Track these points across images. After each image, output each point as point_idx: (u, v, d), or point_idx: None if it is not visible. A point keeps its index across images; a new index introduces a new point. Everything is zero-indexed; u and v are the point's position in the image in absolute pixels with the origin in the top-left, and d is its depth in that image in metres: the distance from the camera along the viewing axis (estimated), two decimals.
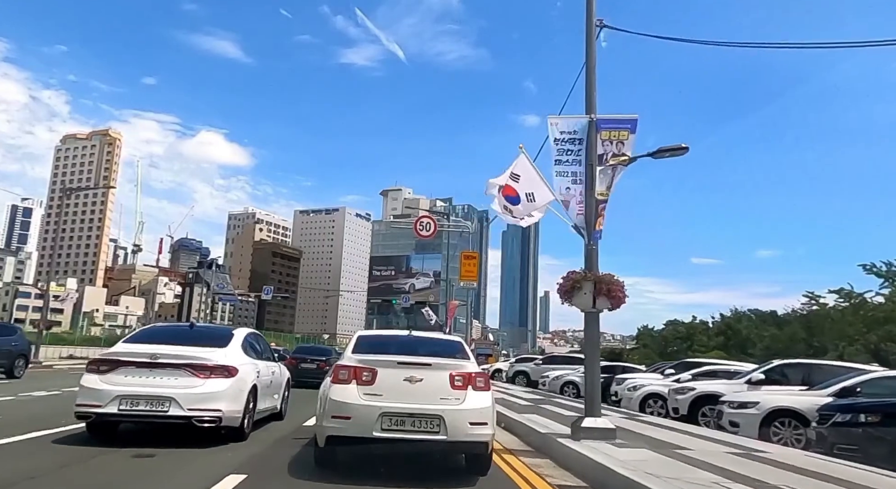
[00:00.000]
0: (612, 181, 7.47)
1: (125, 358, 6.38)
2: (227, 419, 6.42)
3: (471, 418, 5.04)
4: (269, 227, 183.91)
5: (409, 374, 5.13)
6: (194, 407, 6.19)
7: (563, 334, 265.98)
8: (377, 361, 5.25)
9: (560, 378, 19.75)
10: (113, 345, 7.24)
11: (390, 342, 6.16)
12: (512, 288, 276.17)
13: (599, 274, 7.16)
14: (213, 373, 6.41)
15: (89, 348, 40.09)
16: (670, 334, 61.92)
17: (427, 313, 36.29)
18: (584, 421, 6.91)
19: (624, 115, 7.58)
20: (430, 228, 19.56)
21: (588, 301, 7.12)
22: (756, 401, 8.45)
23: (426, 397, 5.07)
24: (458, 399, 5.12)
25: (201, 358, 6.45)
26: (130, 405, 6.10)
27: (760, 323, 39.98)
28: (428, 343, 6.14)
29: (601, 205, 7.42)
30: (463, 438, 5.02)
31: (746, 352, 34.85)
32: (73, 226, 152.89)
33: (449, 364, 5.34)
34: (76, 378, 6.49)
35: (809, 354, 31.18)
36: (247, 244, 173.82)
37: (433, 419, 4.98)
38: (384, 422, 4.94)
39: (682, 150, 7.38)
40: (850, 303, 33.45)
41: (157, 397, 6.13)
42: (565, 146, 7.59)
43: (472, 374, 5.27)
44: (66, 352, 37.22)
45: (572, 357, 26.33)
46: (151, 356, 6.30)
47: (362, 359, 5.29)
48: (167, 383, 6.22)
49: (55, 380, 15.50)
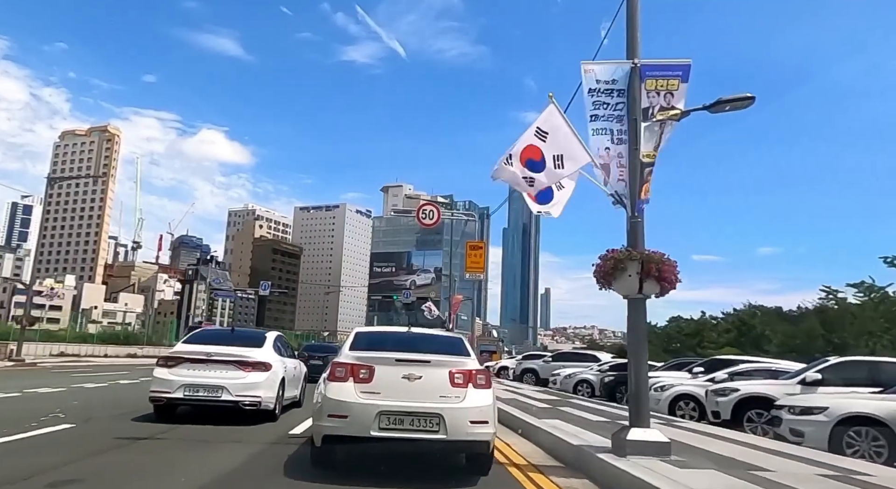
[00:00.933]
0: (660, 140, 6.13)
1: (187, 355, 8.12)
2: (264, 403, 8.09)
3: (471, 417, 4.91)
4: (270, 223, 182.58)
5: (408, 372, 4.99)
6: (240, 393, 7.90)
7: (564, 331, 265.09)
8: (375, 358, 5.09)
9: (573, 376, 18.47)
10: (107, 342, 12.93)
11: (389, 338, 5.91)
12: (513, 285, 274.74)
13: (647, 252, 5.84)
14: (254, 367, 8.14)
15: (81, 345, 38.97)
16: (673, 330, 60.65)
17: (429, 309, 34.93)
18: (631, 432, 5.59)
19: (674, 60, 6.22)
20: (433, 216, 18.21)
21: (633, 285, 5.79)
22: (824, 407, 7.13)
23: (425, 395, 4.94)
24: (459, 397, 4.99)
25: (244, 355, 8.18)
26: (192, 391, 7.82)
27: (774, 319, 38.67)
28: (427, 339, 5.94)
29: (647, 168, 6.09)
30: (463, 438, 4.89)
31: (762, 348, 33.47)
32: (72, 222, 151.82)
33: (449, 361, 5.17)
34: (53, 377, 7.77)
35: (829, 351, 29.86)
36: (247, 241, 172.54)
37: (432, 418, 4.85)
38: (382, 421, 4.81)
39: (747, 101, 6.04)
40: (869, 298, 32.07)
41: (212, 386, 7.85)
42: (602, 98, 6.24)
43: (472, 372, 5.14)
44: (56, 349, 35.96)
45: (583, 354, 25.04)
46: (207, 354, 8.06)
47: (360, 357, 5.15)
48: (219, 375, 7.95)
49: (26, 379, 14.24)
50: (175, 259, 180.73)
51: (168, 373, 7.96)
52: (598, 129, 6.23)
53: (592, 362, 21.38)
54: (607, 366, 18.84)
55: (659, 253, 5.85)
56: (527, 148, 5.96)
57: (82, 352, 36.85)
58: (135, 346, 44.79)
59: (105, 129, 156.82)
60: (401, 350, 5.24)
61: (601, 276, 5.94)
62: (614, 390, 15.87)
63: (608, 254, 5.94)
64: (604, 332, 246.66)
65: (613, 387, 16.08)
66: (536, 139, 5.96)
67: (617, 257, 5.83)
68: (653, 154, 6.12)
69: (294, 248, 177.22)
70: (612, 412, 10.68)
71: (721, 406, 9.44)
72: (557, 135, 5.97)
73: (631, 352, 5.99)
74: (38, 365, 23.27)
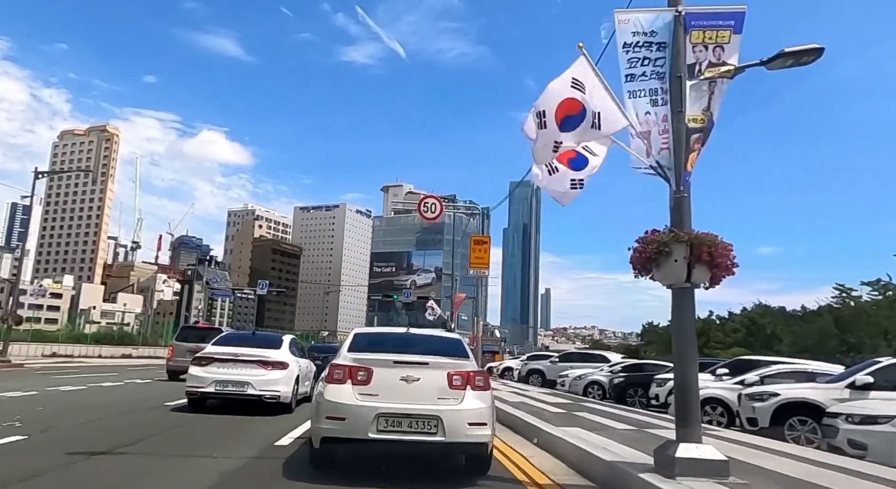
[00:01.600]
0: (710, 102, 5.20)
1: (217, 356, 9.29)
2: (283, 397, 9.25)
3: (469, 419, 4.86)
4: (269, 223, 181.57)
5: (406, 374, 4.93)
6: (263, 388, 9.05)
7: (565, 331, 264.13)
8: (373, 360, 5.04)
9: (583, 378, 17.52)
10: (100, 342, 15.03)
11: (387, 340, 5.81)
12: (513, 285, 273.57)
13: (696, 233, 4.90)
14: (274, 366, 9.31)
15: (74, 346, 38.08)
16: None
17: (431, 308, 33.96)
18: (680, 448, 4.65)
19: (724, 7, 5.28)
20: (435, 210, 17.25)
21: (679, 272, 4.85)
22: (891, 416, 6.19)
23: (423, 397, 4.88)
24: (457, 399, 4.93)
25: (265, 356, 9.38)
26: (222, 387, 8.97)
27: (780, 318, 37.75)
28: (426, 341, 5.86)
29: (694, 135, 5.15)
30: (462, 439, 4.84)
31: (772, 348, 32.53)
32: (71, 222, 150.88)
33: (447, 363, 5.13)
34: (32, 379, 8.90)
35: (843, 351, 28.97)
36: (246, 241, 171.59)
37: (431, 420, 4.79)
38: (380, 424, 4.75)
39: (813, 54, 5.09)
40: (884, 296, 31.16)
41: (239, 382, 9.02)
42: (640, 54, 5.29)
43: (470, 373, 5.07)
44: (49, 349, 35.07)
45: (592, 354, 24.08)
46: (234, 355, 9.29)
47: (358, 358, 5.10)
48: (245, 373, 9.10)
49: (1, 381, 13.25)
50: (175, 259, 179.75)
51: (201, 371, 9.14)
52: (635, 91, 5.28)
53: (602, 363, 20.47)
54: (619, 366, 17.90)
55: (711, 234, 4.92)
56: (564, 102, 4.98)
57: (76, 353, 35.97)
58: (130, 347, 43.84)
59: (104, 128, 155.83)
60: (399, 352, 5.18)
61: (641, 263, 4.99)
62: (624, 392, 15.01)
63: (649, 235, 5.00)
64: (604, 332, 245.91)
65: (624, 388, 15.20)
66: (575, 90, 4.98)
67: (660, 239, 4.89)
68: (700, 118, 5.18)
69: (294, 248, 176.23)
70: (637, 418, 9.74)
71: (759, 412, 8.50)
72: (593, 89, 5.00)
73: (677, 352, 5.04)
74: (25, 366, 22.32)
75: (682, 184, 5.08)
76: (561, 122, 5.01)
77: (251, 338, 10.74)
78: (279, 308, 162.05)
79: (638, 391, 14.80)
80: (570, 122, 4.99)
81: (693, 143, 5.13)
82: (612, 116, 5.00)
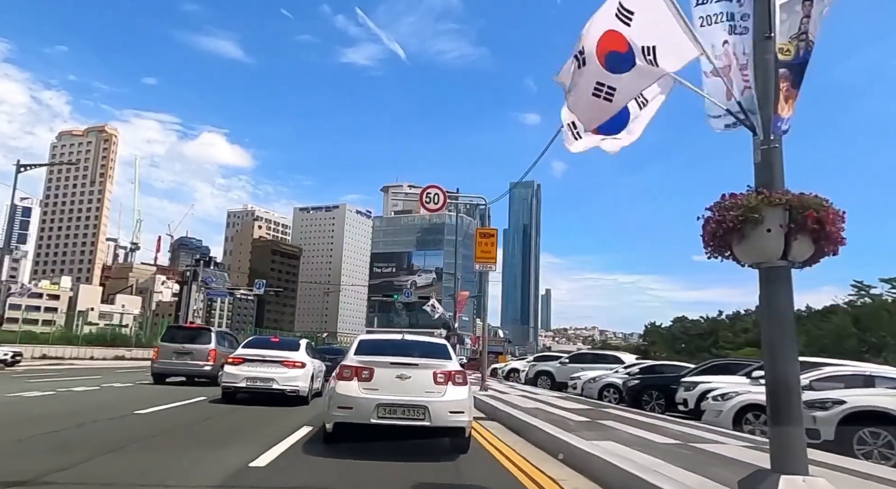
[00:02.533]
0: (805, 26, 3.99)
1: (248, 357, 11.09)
2: (301, 392, 11.05)
3: (450, 408, 6.10)
4: (269, 224, 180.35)
5: (400, 373, 6.19)
6: (285, 384, 10.85)
7: (565, 332, 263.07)
8: (374, 362, 6.30)
9: (598, 380, 16.24)
10: (93, 343, 18.91)
11: (386, 345, 6.98)
12: (513, 286, 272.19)
13: (793, 194, 3.71)
14: (294, 365, 11.15)
15: (66, 347, 36.92)
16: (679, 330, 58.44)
17: (432, 307, 32.73)
18: (781, 483, 3.45)
19: None
20: (438, 200, 16.07)
21: (773, 245, 3.66)
22: None
23: (414, 391, 6.12)
24: (440, 392, 6.17)
25: (287, 356, 11.24)
26: (252, 382, 10.79)
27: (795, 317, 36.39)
28: (417, 345, 7.00)
29: (784, 69, 3.95)
30: (444, 424, 6.10)
31: None
32: (70, 223, 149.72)
33: (433, 364, 6.38)
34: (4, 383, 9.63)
35: (863, 351, 27.76)
36: (245, 242, 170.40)
37: (419, 408, 6.02)
38: (379, 411, 5.98)
39: None
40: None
41: (266, 378, 10.83)
42: None
43: (451, 372, 6.34)
44: (39, 351, 33.90)
45: (604, 355, 22.82)
46: (261, 356, 11.12)
47: (362, 360, 6.36)
48: (270, 371, 10.91)
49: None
50: (175, 261, 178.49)
51: (235, 370, 10.87)
52: (709, 16, 4.11)
53: (615, 364, 19.24)
54: (636, 368, 16.70)
55: (815, 196, 3.72)
56: (606, 35, 3.80)
57: (66, 355, 34.85)
58: (123, 348, 42.59)
59: (102, 129, 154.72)
60: (396, 354, 6.41)
61: (720, 235, 3.78)
62: (640, 396, 13.83)
63: (728, 199, 3.79)
64: (605, 333, 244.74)
65: (639, 392, 14.01)
66: (619, 22, 3.79)
67: (747, 203, 3.69)
68: (790, 48, 3.99)
69: (293, 249, 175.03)
70: (673, 429, 8.53)
71: (820, 423, 7.27)
72: (648, 15, 3.79)
73: (770, 350, 3.84)
74: (6, 369, 21.22)
75: (772, 131, 3.88)
76: (605, 60, 3.81)
77: (273, 343, 12.51)
78: (279, 309, 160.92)
79: (654, 394, 13.63)
80: (616, 61, 3.78)
81: (785, 85, 3.92)
82: (677, 47, 3.76)
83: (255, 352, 11.15)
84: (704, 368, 14.01)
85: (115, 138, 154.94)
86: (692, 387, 11.54)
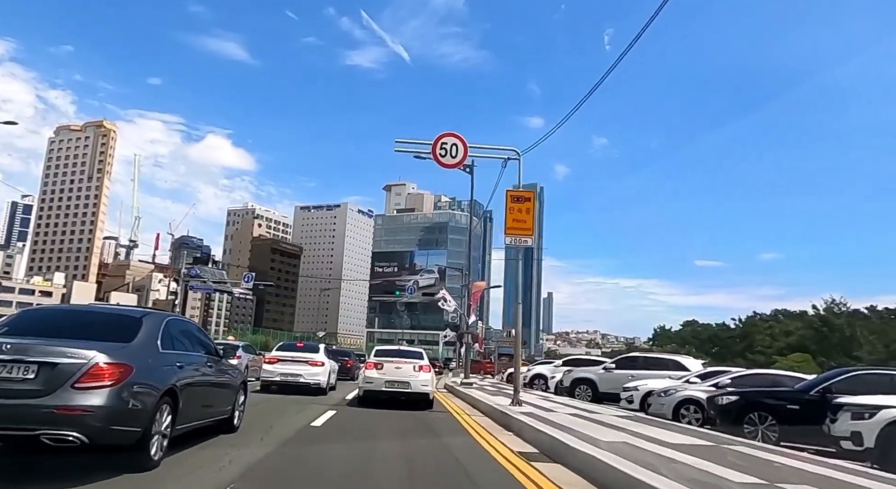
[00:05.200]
0: None
1: (280, 357, 15.28)
2: (321, 384, 14.92)
3: (422, 383, 12.37)
4: (269, 223, 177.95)
5: (397, 365, 12.54)
6: (310, 378, 14.71)
7: (567, 335, 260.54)
8: (383, 360, 12.77)
9: (670, 394, 12.48)
10: None
11: (390, 351, 14.03)
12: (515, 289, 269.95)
13: None
14: (316, 364, 15.05)
15: None
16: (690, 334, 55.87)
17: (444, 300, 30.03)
18: None
19: None
20: (456, 153, 12.52)
21: None
22: None
23: (403, 374, 12.38)
24: (416, 375, 12.40)
25: (310, 357, 15.26)
26: (284, 377, 14.70)
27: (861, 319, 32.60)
28: (406, 352, 14.09)
29: None
30: (418, 391, 12.31)
31: (850, 354, 27.34)
32: (66, 220, 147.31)
33: (413, 361, 12.80)
34: None
35: None
36: (245, 240, 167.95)
37: (405, 383, 12.25)
38: (385, 385, 12.28)
39: None
40: None
41: (295, 374, 14.71)
42: None
43: (422, 365, 12.70)
44: None
45: (659, 359, 18.41)
46: (292, 357, 15.21)
47: (377, 359, 12.88)
48: (299, 369, 14.81)
49: None
50: (175, 260, 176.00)
51: (271, 367, 15.04)
52: None
53: (675, 370, 15.75)
54: (725, 378, 12.54)
55: None
56: None
57: None
58: None
59: (100, 124, 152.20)
60: (394, 356, 13.13)
61: None
62: (741, 417, 10.04)
63: None
64: (606, 337, 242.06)
65: (740, 411, 10.14)
66: None
67: None
68: None
69: (293, 248, 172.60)
70: None
71: None
72: None
73: None
74: None
75: None
76: None
77: (300, 346, 17.03)
78: (278, 309, 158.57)
79: (764, 417, 9.78)
80: None
81: None
82: None
83: (287, 354, 15.39)
84: (846, 379, 9.86)
85: (114, 134, 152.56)
86: (864, 414, 7.68)
